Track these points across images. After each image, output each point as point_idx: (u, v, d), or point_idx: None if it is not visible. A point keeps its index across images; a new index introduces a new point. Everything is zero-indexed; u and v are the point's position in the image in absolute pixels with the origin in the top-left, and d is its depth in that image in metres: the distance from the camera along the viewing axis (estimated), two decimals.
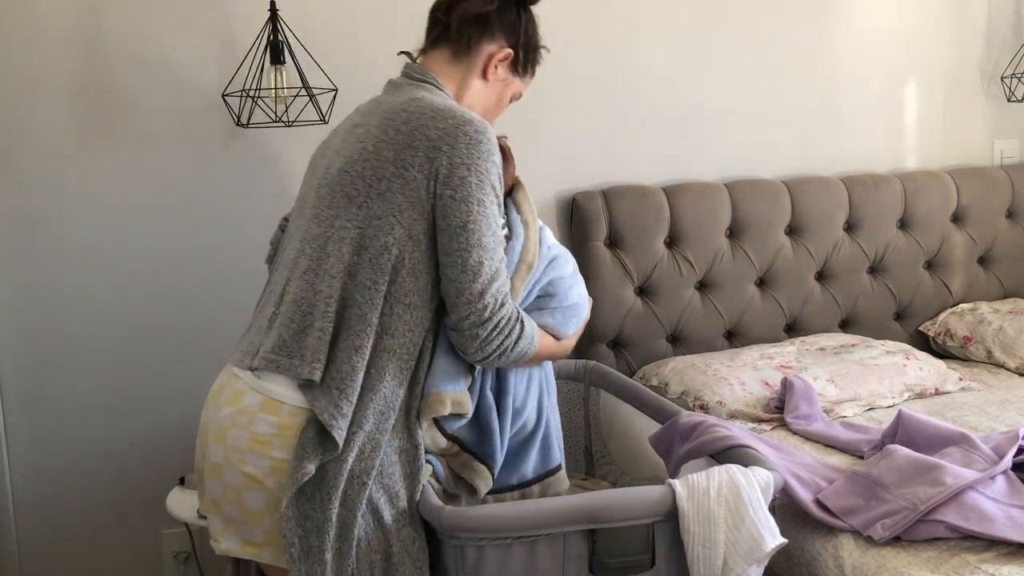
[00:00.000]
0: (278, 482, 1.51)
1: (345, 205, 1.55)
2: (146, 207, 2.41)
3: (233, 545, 1.56)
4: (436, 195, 1.52)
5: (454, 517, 1.51)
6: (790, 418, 2.25)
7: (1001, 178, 3.00)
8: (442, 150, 1.51)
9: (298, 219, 1.67)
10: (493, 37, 1.68)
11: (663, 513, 1.54)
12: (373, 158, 1.54)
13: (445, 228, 1.52)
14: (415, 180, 1.52)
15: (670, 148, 2.76)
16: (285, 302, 1.58)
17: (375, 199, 1.53)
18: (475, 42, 1.67)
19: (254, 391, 1.55)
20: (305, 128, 2.41)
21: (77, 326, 2.40)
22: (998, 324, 2.73)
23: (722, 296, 2.72)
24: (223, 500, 1.56)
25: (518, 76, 1.75)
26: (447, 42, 1.68)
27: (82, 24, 2.32)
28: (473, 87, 1.71)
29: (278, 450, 1.51)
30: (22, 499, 2.43)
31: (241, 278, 2.47)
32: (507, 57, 1.70)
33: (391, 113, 1.58)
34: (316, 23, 2.41)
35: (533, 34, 1.74)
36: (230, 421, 1.54)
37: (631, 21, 2.69)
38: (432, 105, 1.57)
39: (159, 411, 2.46)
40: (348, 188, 1.56)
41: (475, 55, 1.68)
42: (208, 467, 1.57)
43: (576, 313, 1.77)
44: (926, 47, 2.99)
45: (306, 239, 1.59)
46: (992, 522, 1.66)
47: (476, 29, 1.67)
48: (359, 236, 1.54)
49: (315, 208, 1.60)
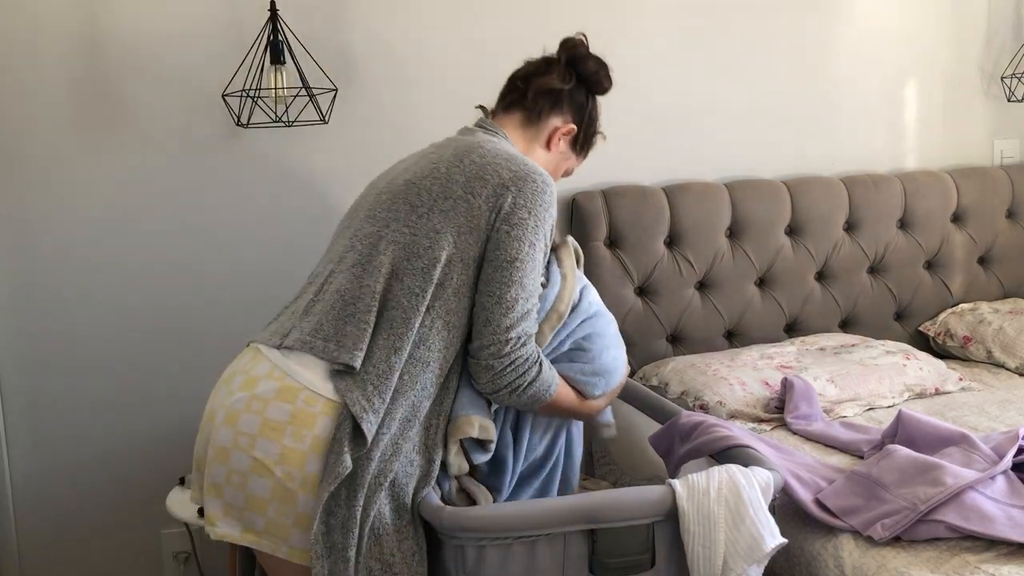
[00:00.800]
0: (285, 471, 1.51)
1: (406, 211, 1.63)
2: (146, 207, 2.41)
3: (232, 531, 1.55)
4: (494, 228, 1.61)
5: (454, 517, 1.51)
6: (790, 418, 2.25)
7: (1001, 178, 3.00)
8: (510, 190, 1.62)
9: (349, 221, 1.73)
10: (561, 112, 1.84)
11: (663, 513, 1.54)
12: (444, 178, 1.64)
13: (493, 259, 1.60)
14: (479, 209, 1.61)
15: (670, 148, 2.76)
16: (327, 291, 1.62)
17: (437, 213, 1.61)
18: (545, 113, 1.83)
19: (269, 378, 1.56)
20: (305, 128, 2.41)
21: (77, 326, 2.40)
22: (998, 324, 2.73)
23: (722, 296, 2.72)
24: (226, 485, 1.55)
25: (574, 153, 1.91)
26: (521, 108, 1.83)
27: (82, 24, 2.32)
28: (536, 154, 1.84)
29: (289, 438, 1.52)
30: (22, 499, 2.43)
31: (241, 278, 2.48)
32: (570, 132, 1.85)
33: (468, 147, 1.69)
34: (316, 23, 2.41)
35: (595, 118, 1.91)
36: (243, 406, 1.55)
37: (631, 21, 2.70)
38: (507, 151, 1.70)
39: (159, 411, 2.46)
40: (412, 198, 1.64)
41: (543, 126, 1.83)
42: (214, 451, 1.57)
43: (606, 374, 1.75)
44: (926, 47, 2.99)
45: (357, 236, 1.65)
46: (992, 522, 1.66)
47: (548, 102, 1.83)
48: (412, 242, 1.60)
49: (371, 210, 1.68)
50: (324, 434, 1.52)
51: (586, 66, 1.84)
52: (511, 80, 1.87)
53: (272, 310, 2.14)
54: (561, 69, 1.82)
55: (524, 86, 1.83)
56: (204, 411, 1.66)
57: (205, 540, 2.49)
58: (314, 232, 2.51)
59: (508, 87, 1.87)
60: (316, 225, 2.51)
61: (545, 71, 1.83)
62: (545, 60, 1.86)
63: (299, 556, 1.54)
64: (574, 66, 1.84)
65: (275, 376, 1.56)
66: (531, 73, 1.84)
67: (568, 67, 1.83)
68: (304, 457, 1.51)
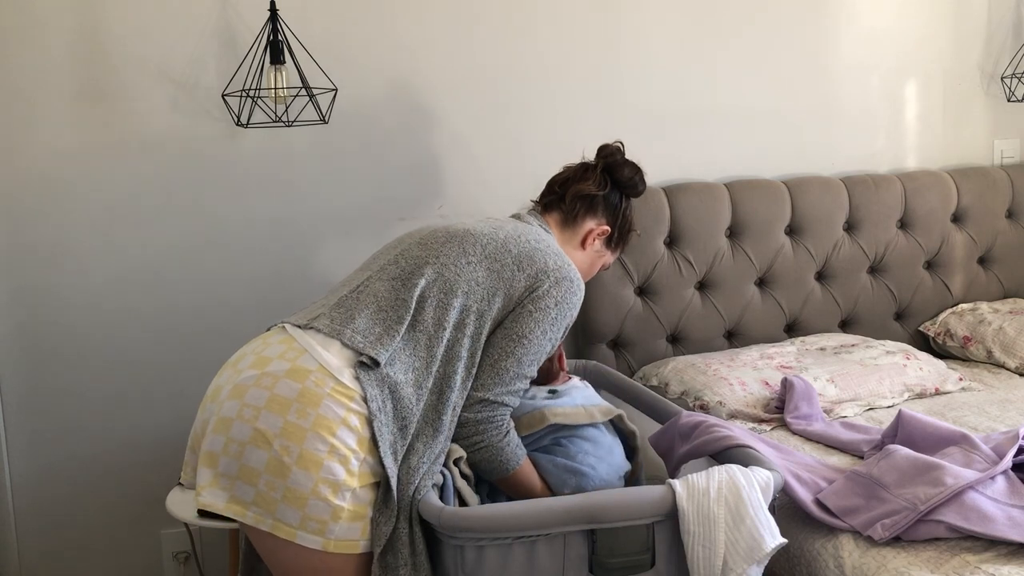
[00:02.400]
0: (283, 445, 1.54)
1: (456, 253, 1.73)
2: (146, 207, 2.41)
3: (217, 500, 1.57)
4: (520, 303, 1.72)
5: (454, 517, 1.51)
6: (790, 418, 2.25)
7: (1001, 178, 3.00)
8: (549, 279, 1.74)
9: (396, 243, 1.83)
10: (596, 215, 1.97)
11: (663, 513, 1.54)
12: (501, 243, 1.76)
13: (507, 328, 1.72)
14: (519, 282, 1.73)
15: (670, 148, 2.76)
16: (363, 293, 1.71)
17: (484, 269, 1.72)
18: (581, 216, 1.96)
19: (281, 359, 1.60)
20: (305, 128, 2.41)
21: (77, 326, 2.40)
22: (998, 324, 2.73)
23: (722, 296, 2.72)
24: (222, 454, 1.57)
25: (609, 250, 2.02)
26: (558, 210, 1.96)
27: (82, 24, 2.32)
28: (572, 252, 1.95)
29: (294, 414, 1.55)
30: (22, 499, 2.43)
31: (242, 278, 2.48)
32: (604, 233, 1.98)
33: (527, 230, 1.84)
34: (316, 23, 2.41)
35: (629, 218, 2.03)
36: (253, 381, 1.60)
37: (632, 21, 2.69)
38: (556, 248, 1.84)
39: (159, 411, 2.46)
40: (467, 246, 1.75)
41: (578, 227, 1.96)
42: (215, 422, 1.60)
43: (579, 476, 1.76)
44: (926, 47, 2.99)
45: (404, 255, 1.76)
46: (992, 522, 1.66)
47: (584, 206, 1.96)
48: (454, 280, 1.70)
49: (424, 240, 1.79)
50: (328, 415, 1.55)
51: (621, 173, 1.97)
52: (550, 184, 2.00)
53: (272, 309, 2.15)
54: (597, 176, 1.95)
55: (561, 191, 1.96)
56: (206, 392, 1.68)
57: (205, 540, 2.49)
58: (314, 232, 2.52)
59: (547, 190, 2.00)
60: (316, 225, 2.52)
61: (582, 177, 1.96)
62: (583, 166, 1.99)
63: (284, 531, 1.54)
64: (610, 173, 1.97)
65: (287, 358, 1.61)
66: (569, 179, 1.97)
67: (604, 174, 1.96)
68: (305, 434, 1.54)
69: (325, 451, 1.53)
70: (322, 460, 1.53)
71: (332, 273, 2.40)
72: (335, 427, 1.55)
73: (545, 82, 2.64)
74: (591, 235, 1.96)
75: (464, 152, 2.59)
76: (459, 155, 2.59)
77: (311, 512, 1.53)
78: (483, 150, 2.61)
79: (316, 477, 1.52)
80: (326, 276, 2.43)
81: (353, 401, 1.57)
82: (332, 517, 1.54)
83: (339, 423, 1.55)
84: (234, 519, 1.58)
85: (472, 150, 2.60)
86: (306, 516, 1.53)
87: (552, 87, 2.65)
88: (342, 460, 1.54)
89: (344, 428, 1.55)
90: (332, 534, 1.54)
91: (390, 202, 2.55)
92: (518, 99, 2.62)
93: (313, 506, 1.53)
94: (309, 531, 1.53)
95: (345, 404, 1.56)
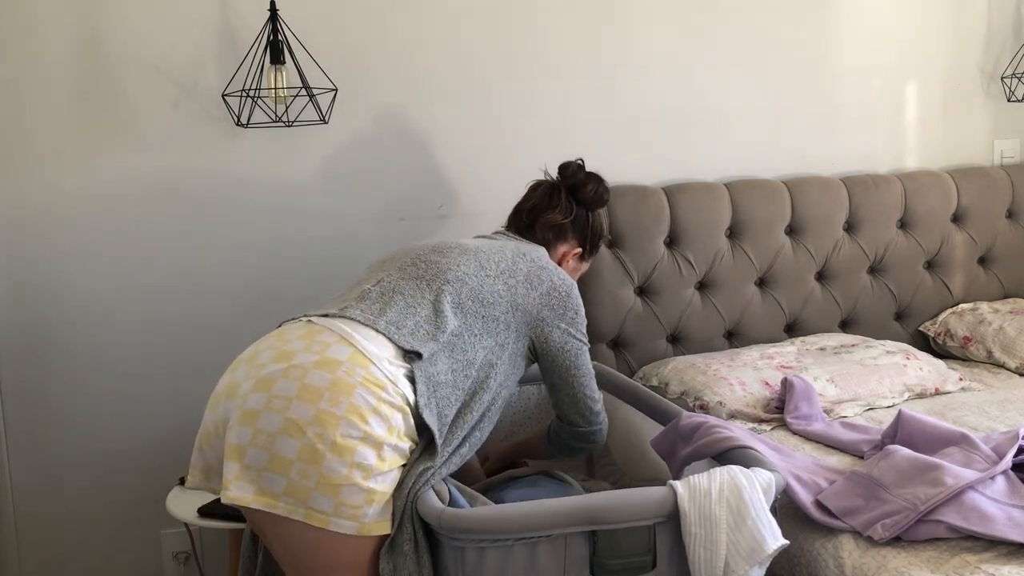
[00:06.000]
0: (317, 433, 1.53)
1: (475, 266, 1.78)
2: (146, 207, 2.41)
3: (245, 494, 1.55)
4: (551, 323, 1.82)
5: (454, 518, 1.51)
6: (790, 418, 2.25)
7: (1001, 178, 3.00)
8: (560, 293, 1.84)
9: (406, 253, 1.86)
10: (567, 239, 2.04)
11: (664, 514, 1.54)
12: (510, 260, 1.83)
13: (567, 352, 1.86)
14: (534, 299, 1.80)
15: (670, 148, 2.76)
16: (386, 289, 1.74)
17: (502, 283, 1.78)
18: (553, 243, 2.02)
19: (307, 352, 1.60)
20: (305, 128, 2.41)
21: (77, 326, 2.40)
22: (998, 324, 2.73)
23: (722, 296, 2.72)
24: (250, 446, 1.56)
25: (585, 261, 2.10)
26: (530, 237, 2.00)
27: (81, 24, 2.32)
28: None
29: (326, 402, 1.55)
30: (22, 499, 2.43)
31: (242, 278, 2.48)
32: (578, 253, 2.06)
33: (525, 248, 1.89)
34: (316, 23, 2.41)
35: (599, 228, 2.09)
36: (281, 374, 1.59)
37: (631, 21, 2.69)
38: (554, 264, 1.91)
39: (159, 411, 2.46)
40: (483, 260, 1.80)
41: (552, 252, 2.00)
42: (240, 415, 1.58)
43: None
44: (926, 47, 2.99)
45: (421, 259, 1.80)
46: (992, 522, 1.66)
47: (554, 234, 2.02)
48: (479, 289, 1.75)
49: (437, 248, 1.83)
50: (360, 403, 1.56)
51: (585, 192, 2.02)
52: (517, 211, 2.04)
53: (272, 309, 2.15)
54: (563, 202, 2.00)
55: (529, 220, 2.01)
56: (216, 389, 1.65)
57: (205, 540, 2.49)
58: (314, 232, 2.52)
59: (515, 217, 2.04)
60: (316, 225, 2.52)
61: (548, 206, 2.00)
62: (548, 192, 2.02)
63: (318, 519, 1.54)
64: (574, 194, 2.02)
65: (314, 350, 1.61)
66: (536, 207, 2.01)
67: (569, 198, 2.01)
68: (338, 422, 1.54)
69: (358, 437, 1.54)
70: (355, 447, 1.54)
71: (332, 273, 2.39)
72: (367, 415, 1.55)
73: (545, 82, 2.64)
74: (566, 257, 2.03)
75: (464, 152, 2.59)
76: (459, 155, 2.59)
77: (345, 498, 1.53)
78: (483, 150, 2.61)
79: (350, 463, 1.53)
80: (326, 276, 2.43)
81: (385, 391, 1.58)
82: (366, 501, 1.54)
83: (371, 411, 1.56)
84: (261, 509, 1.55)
85: (472, 150, 2.60)
86: (340, 502, 1.53)
87: (552, 87, 2.65)
88: (374, 445, 1.55)
89: (375, 416, 1.56)
90: (367, 517, 1.55)
91: (390, 202, 2.55)
92: (518, 99, 2.62)
93: (347, 492, 1.53)
94: (344, 516, 1.54)
95: (377, 393, 1.57)
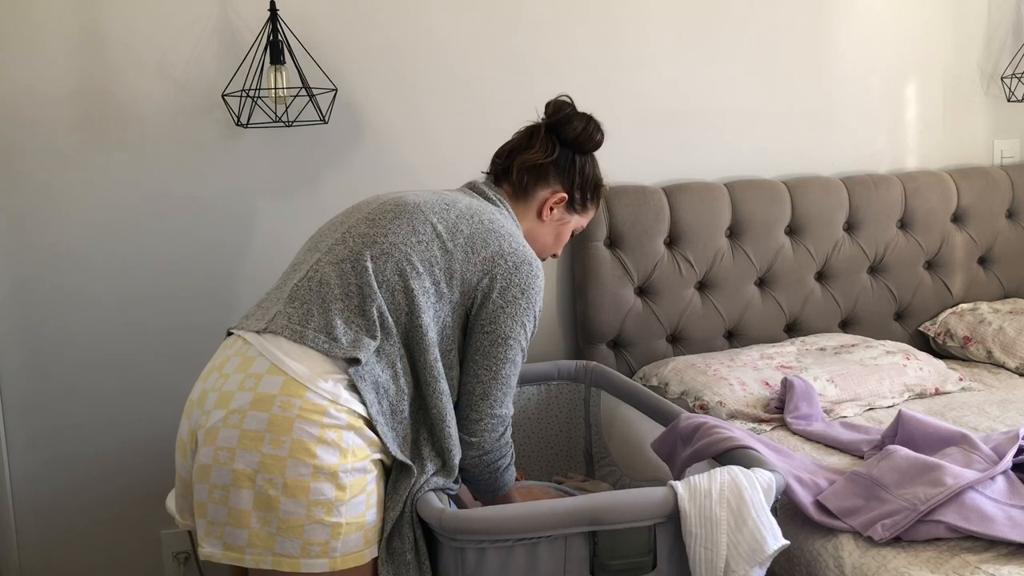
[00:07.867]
0: (266, 479, 1.49)
1: (407, 232, 1.64)
2: (146, 207, 2.40)
3: (215, 550, 1.53)
4: (487, 296, 1.64)
5: (454, 519, 1.51)
6: (790, 418, 2.25)
7: (1001, 178, 3.00)
8: (505, 263, 1.66)
9: (344, 218, 1.73)
10: (547, 183, 1.83)
11: (665, 515, 1.54)
12: (452, 222, 1.66)
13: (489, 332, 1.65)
14: (473, 266, 1.64)
15: (670, 148, 2.76)
16: (313, 281, 1.63)
17: (437, 248, 1.63)
18: (531, 187, 1.82)
19: (241, 390, 1.54)
20: (305, 128, 2.41)
21: (77, 326, 2.40)
22: (998, 324, 2.73)
23: (722, 296, 2.72)
24: (208, 501, 1.53)
25: (576, 213, 1.89)
26: (507, 183, 1.84)
27: (81, 24, 2.31)
28: (531, 225, 1.85)
29: (268, 445, 1.50)
30: (22, 499, 2.43)
31: (241, 278, 2.48)
32: (561, 200, 1.84)
33: (480, 208, 1.72)
34: (316, 23, 2.41)
35: (589, 175, 1.86)
36: (221, 423, 1.54)
37: (631, 21, 2.69)
38: (509, 228, 1.73)
39: (158, 411, 2.45)
40: (417, 224, 1.65)
41: (531, 198, 1.83)
42: (196, 470, 1.56)
43: None
44: (926, 47, 2.99)
45: (351, 234, 1.66)
46: (992, 522, 1.66)
47: (533, 176, 1.82)
48: (405, 262, 1.61)
49: (371, 215, 1.68)
50: (303, 437, 1.50)
51: (570, 129, 1.82)
52: (496, 154, 1.87)
53: None
54: (543, 140, 1.82)
55: (507, 162, 1.83)
56: (180, 434, 1.65)
57: None
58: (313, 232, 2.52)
59: (494, 160, 1.88)
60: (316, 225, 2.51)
61: (527, 145, 1.83)
62: (528, 131, 1.86)
63: (288, 564, 1.51)
64: (556, 132, 1.83)
65: (247, 386, 1.55)
66: (513, 148, 1.84)
67: (549, 135, 1.82)
68: (284, 463, 1.49)
69: (309, 474, 1.49)
70: (308, 484, 1.49)
71: None
72: (313, 447, 1.50)
73: (546, 82, 2.63)
74: (546, 204, 1.83)
75: (464, 152, 2.59)
76: (459, 155, 2.58)
77: (311, 537, 1.49)
78: (483, 150, 2.59)
79: (307, 502, 1.49)
80: None
81: (326, 415, 1.51)
82: (332, 536, 1.50)
83: (316, 442, 1.50)
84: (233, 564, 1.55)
85: (472, 150, 2.59)
86: (306, 542, 1.49)
87: (552, 87, 2.62)
88: (329, 477, 1.50)
89: (322, 446, 1.51)
90: (336, 552, 1.51)
91: None
92: (519, 98, 2.61)
93: (311, 530, 1.49)
94: (313, 556, 1.50)
95: (318, 421, 1.51)
